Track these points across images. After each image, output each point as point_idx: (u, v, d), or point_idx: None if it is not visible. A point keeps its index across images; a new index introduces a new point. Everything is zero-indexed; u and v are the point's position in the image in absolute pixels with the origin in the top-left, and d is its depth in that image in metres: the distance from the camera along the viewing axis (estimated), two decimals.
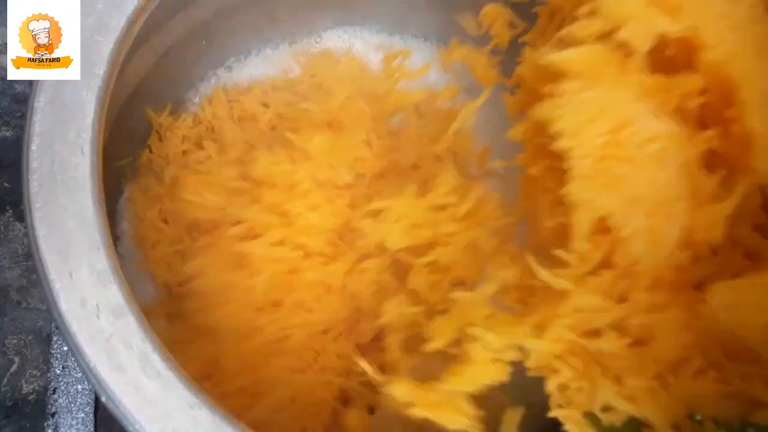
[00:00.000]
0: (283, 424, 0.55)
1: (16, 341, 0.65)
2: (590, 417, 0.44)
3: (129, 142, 0.63)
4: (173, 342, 0.46)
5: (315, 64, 0.70)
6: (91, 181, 0.43)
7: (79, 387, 0.62)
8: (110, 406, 0.38)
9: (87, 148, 0.44)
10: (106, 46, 0.47)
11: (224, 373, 0.55)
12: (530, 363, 0.45)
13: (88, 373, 0.39)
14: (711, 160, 0.42)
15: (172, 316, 0.59)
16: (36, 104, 0.44)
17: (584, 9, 0.42)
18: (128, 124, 0.61)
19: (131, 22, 0.48)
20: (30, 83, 0.46)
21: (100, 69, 0.46)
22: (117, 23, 0.48)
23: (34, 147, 0.43)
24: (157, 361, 0.40)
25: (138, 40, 0.51)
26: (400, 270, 0.59)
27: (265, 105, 0.67)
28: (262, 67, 0.71)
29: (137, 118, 0.63)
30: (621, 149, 0.41)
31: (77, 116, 0.45)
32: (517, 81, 0.50)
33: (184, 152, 0.65)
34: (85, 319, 0.40)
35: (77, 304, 0.40)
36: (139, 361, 0.39)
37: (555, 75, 0.42)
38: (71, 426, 0.61)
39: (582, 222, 0.42)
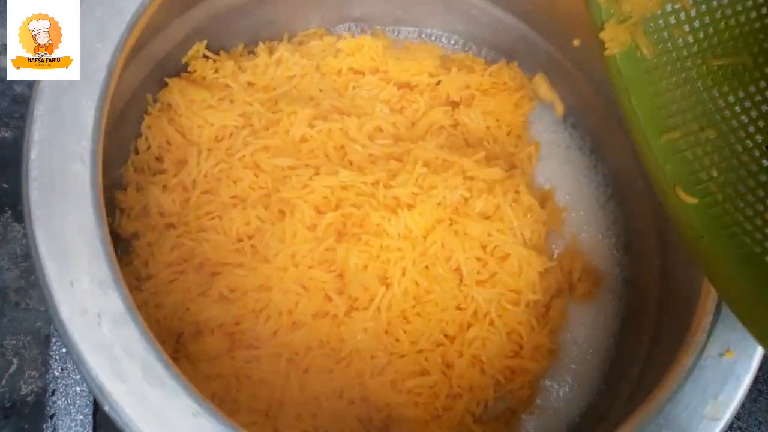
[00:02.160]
0: None
1: (14, 342, 0.65)
2: None
3: (126, 150, 0.62)
4: None
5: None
6: (91, 189, 0.43)
7: (78, 389, 0.62)
8: (113, 415, 0.39)
9: (87, 157, 0.44)
10: (105, 52, 0.47)
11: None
12: None
13: (91, 382, 0.39)
14: None
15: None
16: (35, 112, 0.44)
17: None
18: (126, 131, 0.61)
19: (130, 29, 0.48)
20: (30, 85, 0.46)
21: (100, 76, 0.46)
22: (116, 30, 0.48)
23: (33, 155, 0.43)
24: (159, 369, 0.40)
25: (136, 46, 0.51)
26: None
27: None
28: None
29: (135, 126, 0.62)
30: None
31: (77, 124, 0.45)
32: None
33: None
34: (86, 328, 0.40)
35: (78, 312, 0.40)
36: (141, 370, 0.40)
37: None
38: (70, 428, 0.61)
39: None
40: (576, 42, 0.63)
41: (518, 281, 0.62)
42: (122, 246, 0.60)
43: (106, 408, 0.39)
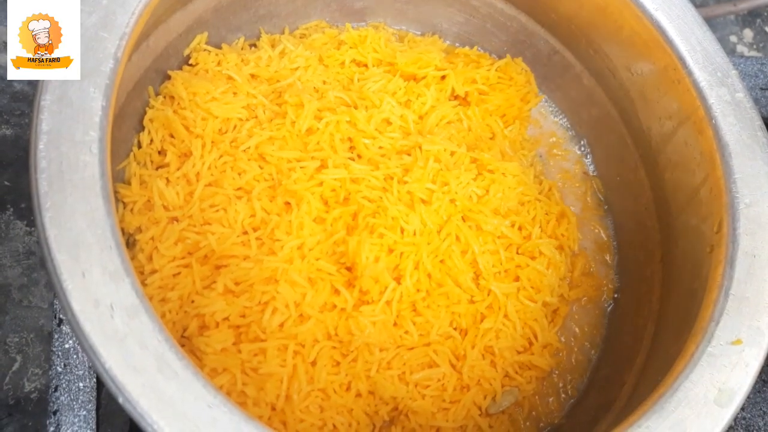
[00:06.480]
0: None
1: (17, 339, 0.64)
2: None
3: (128, 144, 0.61)
4: None
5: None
6: (100, 180, 0.43)
7: (81, 384, 0.62)
8: (127, 407, 0.38)
9: (95, 147, 0.43)
10: (112, 42, 0.47)
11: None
12: None
13: (104, 375, 0.39)
14: None
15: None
16: (42, 102, 0.44)
17: None
18: (127, 125, 0.60)
19: (136, 19, 0.48)
20: (29, 82, 0.45)
21: (107, 66, 0.46)
22: (122, 19, 0.47)
23: (41, 146, 0.43)
24: (173, 360, 0.40)
25: (139, 37, 0.51)
26: None
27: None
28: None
29: (137, 120, 0.62)
30: None
31: (85, 114, 0.44)
32: None
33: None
34: (98, 320, 0.40)
35: (90, 304, 0.40)
36: (155, 361, 0.39)
37: None
38: (73, 424, 0.61)
39: None
40: None
41: (542, 280, 0.63)
42: (126, 240, 0.59)
43: (121, 400, 0.38)
